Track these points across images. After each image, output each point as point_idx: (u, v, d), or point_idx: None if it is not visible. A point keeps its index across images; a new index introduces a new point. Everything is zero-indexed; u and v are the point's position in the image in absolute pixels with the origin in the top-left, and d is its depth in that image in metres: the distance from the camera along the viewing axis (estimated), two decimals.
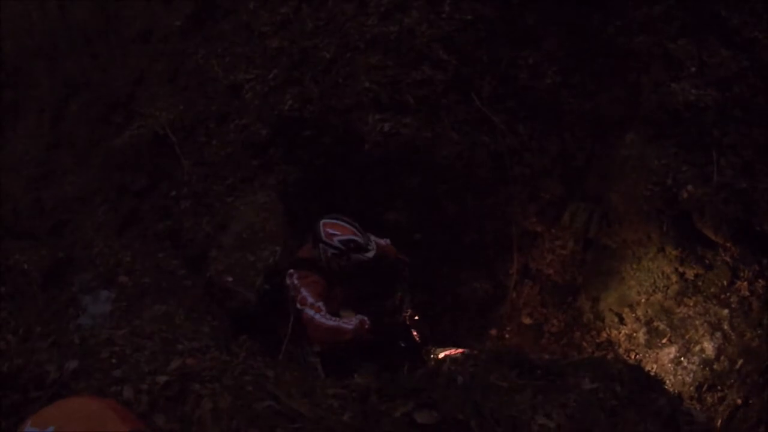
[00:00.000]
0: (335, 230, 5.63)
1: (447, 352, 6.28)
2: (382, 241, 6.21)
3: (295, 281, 5.51)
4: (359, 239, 5.65)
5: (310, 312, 5.26)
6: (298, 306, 5.35)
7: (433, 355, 6.51)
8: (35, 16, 14.65)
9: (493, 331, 8.05)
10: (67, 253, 9.20)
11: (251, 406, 3.47)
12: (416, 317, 6.36)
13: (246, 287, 6.92)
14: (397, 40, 8.11)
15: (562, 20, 8.02)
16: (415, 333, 6.21)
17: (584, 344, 7.53)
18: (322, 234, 5.63)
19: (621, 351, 7.26)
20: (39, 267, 8.76)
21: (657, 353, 6.95)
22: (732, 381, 6.16)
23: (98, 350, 3.99)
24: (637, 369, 4.43)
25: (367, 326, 5.30)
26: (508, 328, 7.98)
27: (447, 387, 3.77)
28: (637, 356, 7.09)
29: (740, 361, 6.12)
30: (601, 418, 3.74)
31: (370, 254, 5.68)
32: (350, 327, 5.24)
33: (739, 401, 5.96)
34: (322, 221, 5.71)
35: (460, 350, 6.15)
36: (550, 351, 7.50)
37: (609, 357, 6.96)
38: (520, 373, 4.07)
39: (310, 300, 5.33)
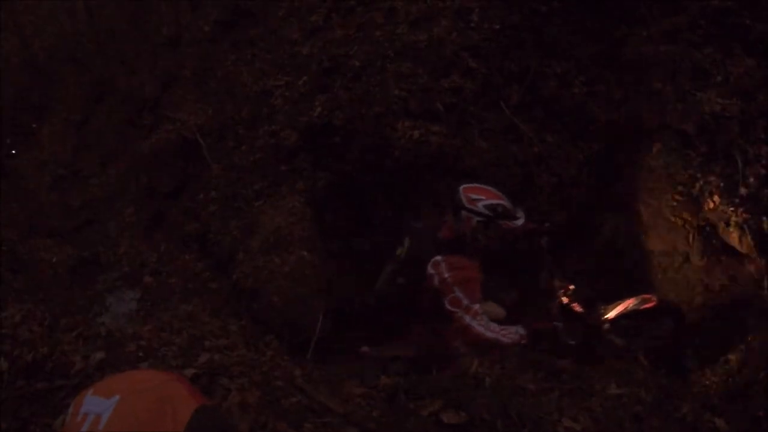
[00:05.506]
0: (478, 194, 4.90)
1: (619, 309, 5.80)
2: None
3: (446, 275, 4.78)
4: (506, 203, 4.92)
5: (467, 318, 4.69)
6: (449, 307, 4.73)
7: (606, 315, 5.88)
8: (64, 20, 14.83)
9: None
10: (93, 252, 9.31)
11: (280, 401, 3.50)
12: (570, 289, 5.82)
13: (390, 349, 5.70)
14: (427, 48, 8.14)
15: (589, 30, 8.03)
16: (576, 306, 5.76)
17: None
18: (464, 200, 4.88)
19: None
20: (64, 264, 8.88)
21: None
22: (754, 393, 6.13)
23: (124, 343, 4.03)
24: (662, 377, 4.45)
25: (524, 341, 4.80)
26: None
27: (474, 388, 3.80)
28: None
29: (763, 373, 6.08)
30: (626, 423, 3.76)
31: (520, 221, 4.91)
32: (508, 341, 4.71)
33: (761, 413, 5.93)
34: (462, 187, 4.97)
35: (630, 301, 5.75)
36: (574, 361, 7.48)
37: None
38: (546, 376, 4.11)
39: (466, 302, 4.72)
